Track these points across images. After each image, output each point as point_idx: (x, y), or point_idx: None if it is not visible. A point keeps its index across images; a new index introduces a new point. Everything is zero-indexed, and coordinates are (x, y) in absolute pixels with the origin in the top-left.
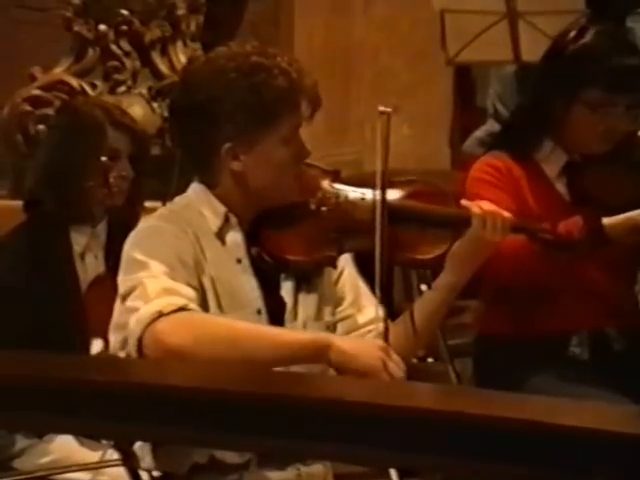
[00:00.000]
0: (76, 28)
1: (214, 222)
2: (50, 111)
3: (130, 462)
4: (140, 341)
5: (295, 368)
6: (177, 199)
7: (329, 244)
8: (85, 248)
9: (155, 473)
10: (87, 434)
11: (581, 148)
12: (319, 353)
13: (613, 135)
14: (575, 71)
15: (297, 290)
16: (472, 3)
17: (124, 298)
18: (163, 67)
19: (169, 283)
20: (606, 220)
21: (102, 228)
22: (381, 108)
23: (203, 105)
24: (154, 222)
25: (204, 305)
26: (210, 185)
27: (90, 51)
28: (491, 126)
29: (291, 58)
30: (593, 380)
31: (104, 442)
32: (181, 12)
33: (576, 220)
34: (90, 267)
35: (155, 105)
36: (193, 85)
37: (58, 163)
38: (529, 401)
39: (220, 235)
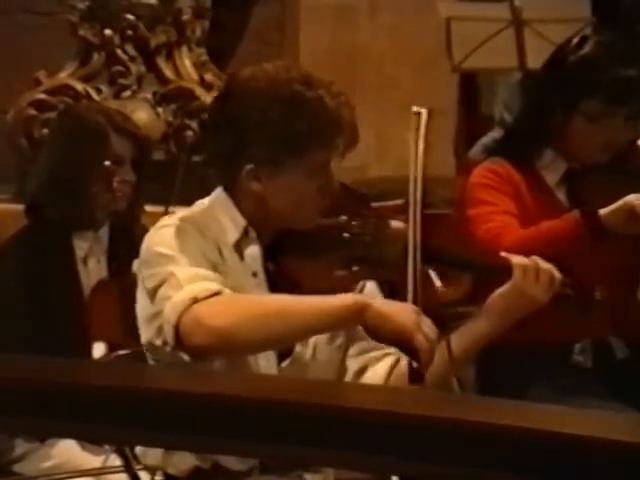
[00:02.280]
0: (81, 33)
1: (233, 233)
2: (55, 115)
3: (131, 468)
4: (177, 328)
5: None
6: (198, 203)
7: (347, 271)
8: (87, 253)
9: (157, 478)
10: (88, 439)
11: (581, 158)
12: (356, 315)
13: (612, 146)
14: (574, 82)
15: None
16: (478, 11)
17: (155, 290)
18: (168, 72)
19: (199, 270)
20: (602, 211)
21: (104, 232)
22: (415, 108)
23: (236, 122)
24: (176, 222)
25: None
26: (232, 196)
27: (95, 56)
28: (498, 133)
29: (335, 90)
30: (596, 389)
31: (106, 447)
32: (186, 17)
33: (574, 214)
34: (93, 272)
35: (160, 110)
36: (231, 100)
37: (62, 168)
38: (531, 409)
39: (238, 247)
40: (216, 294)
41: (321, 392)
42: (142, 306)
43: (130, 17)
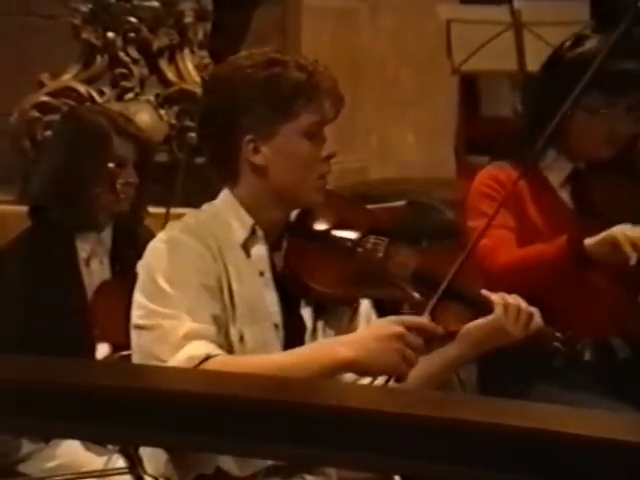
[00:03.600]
0: (84, 35)
1: (240, 233)
2: (58, 117)
3: (136, 469)
4: None
5: None
6: (205, 206)
7: (354, 286)
8: (90, 254)
9: None
10: (93, 439)
11: (584, 154)
12: (346, 369)
13: (615, 138)
14: (573, 77)
15: (316, 318)
16: (478, 13)
17: (141, 328)
18: (170, 74)
19: (190, 326)
20: (588, 240)
21: (107, 234)
22: None
23: (221, 101)
24: (178, 234)
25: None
26: (236, 191)
27: (98, 58)
28: None
29: (310, 59)
30: (597, 388)
31: (110, 447)
32: (189, 20)
33: (560, 241)
34: (96, 273)
35: (162, 112)
36: (212, 83)
37: (64, 170)
38: (532, 409)
39: (245, 247)
40: (206, 358)
41: (321, 392)
42: (134, 335)
43: (133, 20)
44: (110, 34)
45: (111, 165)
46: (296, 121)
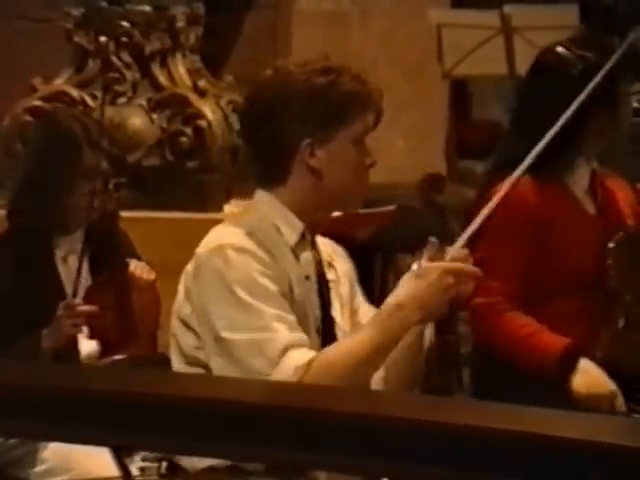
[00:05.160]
0: (77, 39)
1: (291, 237)
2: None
3: (129, 477)
4: None
5: None
6: (243, 210)
7: None
8: (67, 251)
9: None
10: (85, 442)
11: (601, 146)
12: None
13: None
14: (626, 68)
15: (341, 312)
16: (468, 18)
17: (228, 341)
18: (162, 78)
19: (287, 337)
20: (577, 381)
21: (80, 231)
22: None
23: (275, 106)
24: (244, 241)
25: None
26: (281, 195)
27: (90, 62)
28: None
29: (360, 68)
30: None
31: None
32: (181, 24)
33: (554, 354)
34: (73, 268)
35: (154, 116)
36: (263, 90)
37: (37, 175)
38: (524, 412)
39: (295, 251)
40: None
41: (312, 397)
42: (188, 316)
43: (125, 24)
44: (102, 38)
45: (81, 173)
46: (350, 128)
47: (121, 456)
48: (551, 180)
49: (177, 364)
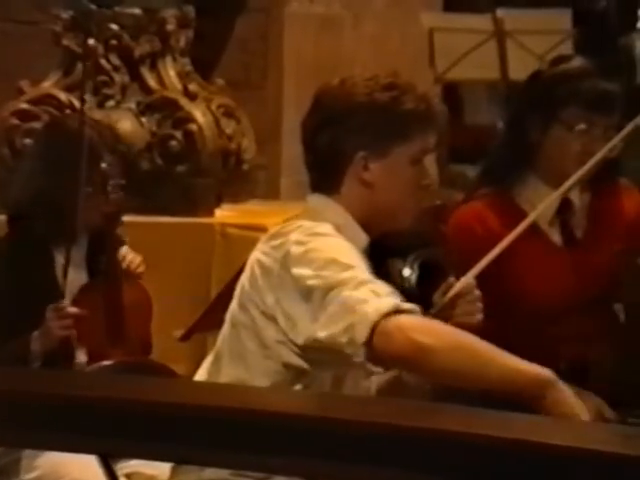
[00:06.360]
0: (65, 42)
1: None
2: (38, 125)
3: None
4: (373, 328)
5: None
6: (307, 217)
7: None
8: (67, 259)
9: None
10: (74, 450)
11: (559, 176)
12: (539, 392)
13: (588, 157)
14: (553, 91)
15: None
16: (460, 22)
17: (334, 290)
18: (152, 82)
19: (382, 286)
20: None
21: (83, 240)
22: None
23: (336, 116)
24: (330, 231)
25: None
26: (334, 196)
27: (79, 65)
28: None
29: (425, 89)
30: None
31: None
32: (171, 27)
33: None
34: (73, 278)
35: (144, 120)
36: (327, 99)
37: (46, 182)
38: (513, 419)
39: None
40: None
41: (298, 403)
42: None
43: (114, 27)
44: (91, 41)
45: (103, 166)
46: (409, 146)
47: (109, 464)
48: (508, 205)
49: (251, 358)
